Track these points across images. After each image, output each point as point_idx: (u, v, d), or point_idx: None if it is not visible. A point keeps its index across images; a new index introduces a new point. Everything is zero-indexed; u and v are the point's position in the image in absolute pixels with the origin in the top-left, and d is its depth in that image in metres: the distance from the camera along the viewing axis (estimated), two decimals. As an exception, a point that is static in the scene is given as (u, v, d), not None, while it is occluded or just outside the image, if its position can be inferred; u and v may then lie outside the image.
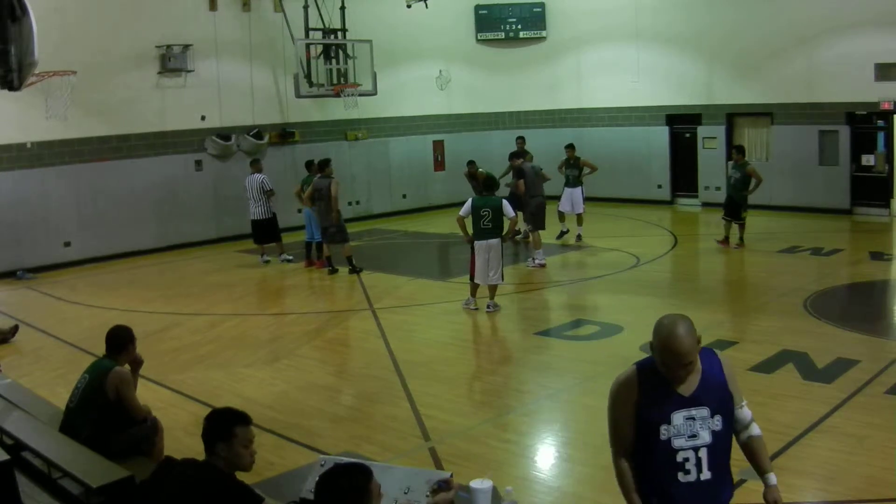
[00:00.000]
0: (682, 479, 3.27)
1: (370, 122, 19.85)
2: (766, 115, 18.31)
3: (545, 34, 21.83)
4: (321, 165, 13.70)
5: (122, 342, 5.57)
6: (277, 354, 9.38)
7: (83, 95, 14.18)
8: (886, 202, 17.08)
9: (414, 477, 3.87)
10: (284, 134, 18.40)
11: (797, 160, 17.75)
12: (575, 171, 15.58)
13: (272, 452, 6.26)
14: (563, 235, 15.47)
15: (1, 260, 14.42)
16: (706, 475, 3.28)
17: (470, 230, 10.71)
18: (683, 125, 19.72)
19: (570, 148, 15.76)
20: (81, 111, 14.75)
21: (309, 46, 17.54)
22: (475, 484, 3.87)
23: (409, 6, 18.72)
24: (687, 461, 3.26)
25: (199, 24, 16.79)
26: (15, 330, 10.35)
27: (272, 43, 17.95)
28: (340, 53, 17.97)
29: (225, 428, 3.67)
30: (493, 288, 10.76)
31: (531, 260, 13.52)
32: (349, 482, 3.05)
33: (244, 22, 17.61)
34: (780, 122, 18.06)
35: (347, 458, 4.40)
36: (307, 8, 17.61)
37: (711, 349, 3.42)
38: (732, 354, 7.90)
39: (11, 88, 7.14)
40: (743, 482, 4.49)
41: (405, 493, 3.78)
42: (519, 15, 21.83)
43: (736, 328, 9.70)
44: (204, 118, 17.08)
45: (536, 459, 6.44)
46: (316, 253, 14.46)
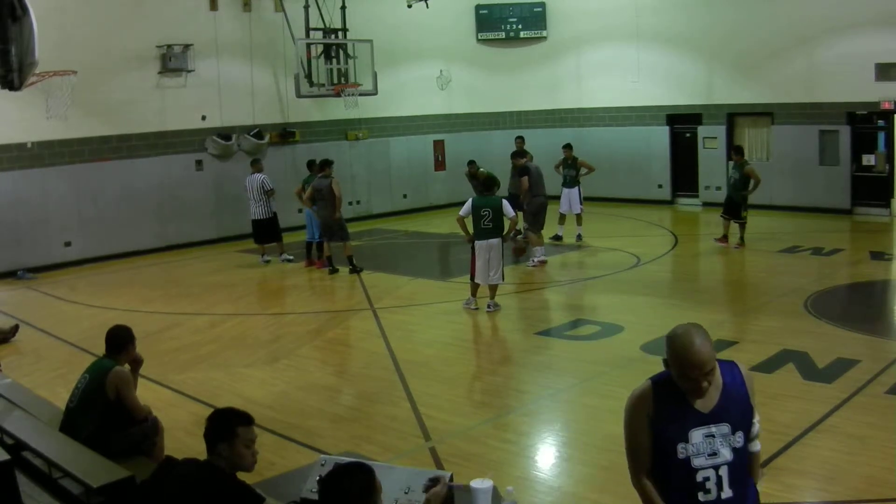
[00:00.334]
0: (701, 498, 3.11)
1: (370, 122, 19.85)
2: (766, 115, 18.30)
3: (545, 34, 21.83)
4: (322, 166, 13.71)
5: (121, 342, 5.57)
6: (278, 354, 9.38)
7: (83, 95, 14.18)
8: (887, 202, 17.08)
9: (414, 477, 3.87)
10: (285, 134, 18.40)
11: (797, 160, 17.74)
12: (572, 171, 15.52)
13: (272, 452, 6.25)
14: (559, 239, 15.40)
15: (1, 260, 14.43)
16: (727, 493, 3.11)
17: (470, 230, 10.73)
18: (684, 125, 19.71)
19: (567, 148, 15.69)
20: (82, 111, 14.75)
21: (309, 46, 17.55)
22: (475, 484, 3.86)
23: (409, 6, 18.74)
24: (707, 480, 3.09)
25: (199, 23, 16.79)
26: (15, 330, 10.36)
27: (273, 43, 17.95)
28: (341, 53, 17.98)
29: (227, 428, 3.66)
30: (493, 288, 10.76)
31: (531, 259, 13.52)
32: (353, 483, 3.02)
33: (245, 22, 17.61)
34: (780, 121, 18.05)
35: (348, 458, 4.40)
36: (308, 8, 17.61)
37: (733, 361, 3.26)
38: (733, 354, 7.89)
39: (12, 88, 7.15)
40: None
41: (405, 492, 3.77)
42: (519, 15, 21.82)
43: (736, 328, 9.69)
44: (204, 118, 17.08)
45: (536, 459, 6.44)
46: (316, 253, 14.46)
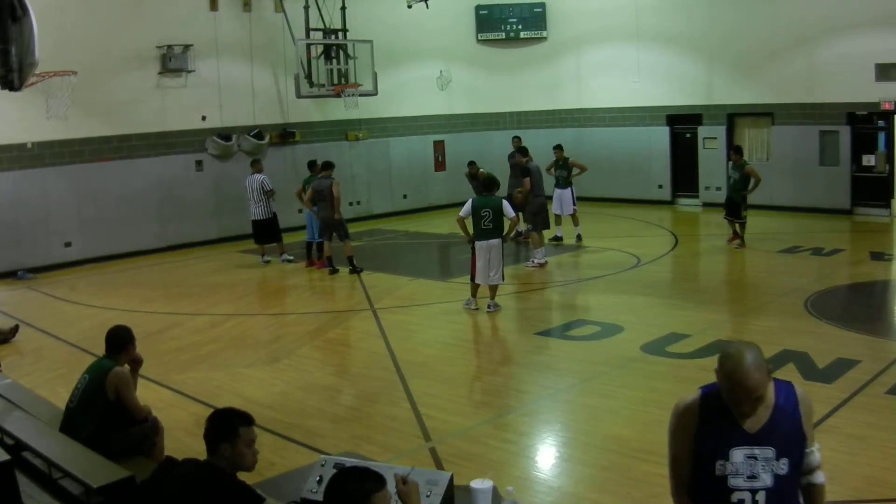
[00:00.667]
0: None
1: (370, 122, 19.84)
2: (766, 115, 18.30)
3: (545, 34, 21.82)
4: (323, 167, 13.71)
5: (121, 342, 5.57)
6: (278, 354, 9.38)
7: (84, 95, 14.18)
8: (887, 202, 17.07)
9: (415, 477, 3.86)
10: (285, 134, 18.40)
11: (798, 160, 17.74)
12: (564, 171, 15.43)
13: (272, 452, 6.25)
14: (559, 240, 15.38)
15: (1, 260, 14.43)
16: None
17: (470, 230, 10.73)
18: (684, 125, 19.71)
19: (558, 149, 15.60)
20: (82, 111, 14.75)
21: (309, 46, 17.54)
22: (475, 484, 3.87)
23: (409, 6, 18.73)
24: (742, 503, 2.97)
25: (199, 24, 16.78)
26: (15, 330, 10.36)
27: (273, 43, 17.95)
28: (341, 54, 17.97)
29: (229, 428, 3.66)
30: (493, 288, 10.76)
31: (531, 260, 13.51)
32: (355, 485, 2.95)
33: (245, 22, 17.61)
34: (780, 122, 18.05)
35: (348, 458, 4.39)
36: (308, 8, 17.60)
37: (790, 382, 3.09)
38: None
39: (12, 88, 7.15)
40: None
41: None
42: (519, 15, 21.82)
43: (736, 328, 9.70)
44: (204, 118, 17.07)
45: (536, 459, 6.44)
46: (316, 253, 14.46)
